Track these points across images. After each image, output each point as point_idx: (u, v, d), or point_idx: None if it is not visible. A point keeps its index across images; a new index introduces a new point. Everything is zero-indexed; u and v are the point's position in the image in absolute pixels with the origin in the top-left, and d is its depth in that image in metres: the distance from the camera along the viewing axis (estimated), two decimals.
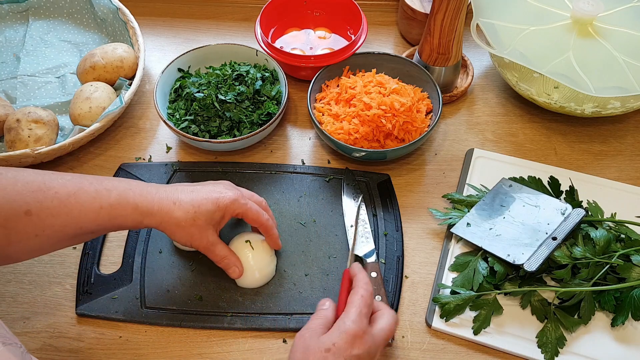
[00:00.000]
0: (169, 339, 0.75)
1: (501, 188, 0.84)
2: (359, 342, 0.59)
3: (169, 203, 0.68)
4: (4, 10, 1.06)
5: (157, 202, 0.67)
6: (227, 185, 0.74)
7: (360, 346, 0.59)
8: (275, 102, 0.91)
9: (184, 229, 0.69)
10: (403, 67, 0.95)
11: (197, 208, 0.69)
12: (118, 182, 0.68)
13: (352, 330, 0.60)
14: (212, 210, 0.70)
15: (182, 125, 0.89)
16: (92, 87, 0.92)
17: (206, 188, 0.72)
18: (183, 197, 0.69)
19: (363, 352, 0.59)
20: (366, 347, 0.60)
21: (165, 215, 0.67)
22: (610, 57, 0.90)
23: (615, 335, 0.73)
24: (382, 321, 0.64)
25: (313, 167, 0.90)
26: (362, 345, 0.59)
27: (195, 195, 0.70)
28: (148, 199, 0.67)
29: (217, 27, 1.11)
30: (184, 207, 0.68)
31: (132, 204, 0.66)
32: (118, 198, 0.66)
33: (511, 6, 0.96)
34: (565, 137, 0.94)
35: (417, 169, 0.91)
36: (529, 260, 0.74)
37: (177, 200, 0.68)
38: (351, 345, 0.59)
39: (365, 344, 0.60)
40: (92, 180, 0.67)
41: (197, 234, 0.70)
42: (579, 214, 0.78)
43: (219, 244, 0.73)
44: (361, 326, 0.60)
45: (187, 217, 0.68)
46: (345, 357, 0.58)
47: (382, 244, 0.81)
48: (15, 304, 0.78)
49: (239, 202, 0.71)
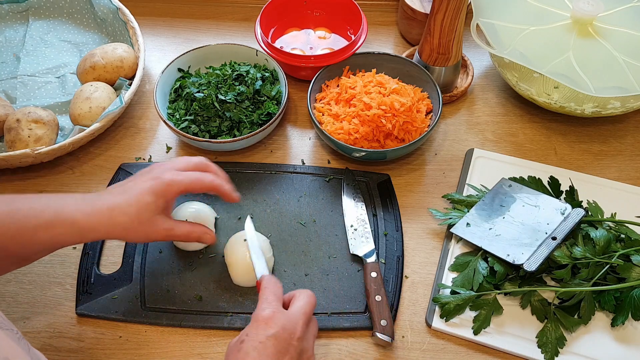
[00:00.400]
0: (169, 339, 0.75)
1: (501, 188, 0.84)
2: (271, 322, 0.60)
3: (106, 212, 0.65)
4: (4, 10, 1.06)
5: (95, 214, 0.64)
6: (158, 169, 0.70)
7: (273, 325, 0.60)
8: (275, 102, 0.91)
9: (133, 231, 0.66)
10: (403, 67, 0.95)
11: (136, 205, 0.66)
12: (54, 198, 0.65)
13: (261, 316, 0.61)
14: (152, 201, 0.66)
15: (182, 125, 0.89)
16: (92, 87, 0.92)
17: (138, 181, 0.68)
18: (118, 200, 0.66)
19: (278, 329, 0.60)
20: (280, 324, 0.60)
21: (108, 226, 0.65)
22: (610, 57, 0.90)
23: (615, 335, 0.74)
24: (298, 300, 0.65)
25: (313, 167, 0.90)
26: (275, 324, 0.60)
27: (129, 194, 0.66)
28: (85, 212, 0.64)
29: (217, 27, 1.11)
30: (123, 209, 0.65)
31: (70, 220, 0.63)
32: (54, 215, 0.63)
33: (511, 6, 0.96)
34: (565, 137, 0.94)
35: (417, 169, 0.91)
36: (528, 260, 0.74)
37: (114, 206, 0.65)
38: (264, 328, 0.60)
39: (277, 322, 0.60)
40: (28, 198, 0.64)
41: (149, 230, 0.67)
42: (579, 213, 0.78)
43: (176, 226, 0.70)
44: (268, 310, 0.61)
45: (130, 219, 0.65)
46: (260, 340, 0.59)
47: (382, 244, 0.81)
48: (15, 304, 0.78)
49: (175, 181, 0.68)
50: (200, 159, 0.73)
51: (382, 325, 0.72)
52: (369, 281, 0.76)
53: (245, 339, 0.60)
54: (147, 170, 0.70)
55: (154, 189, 0.67)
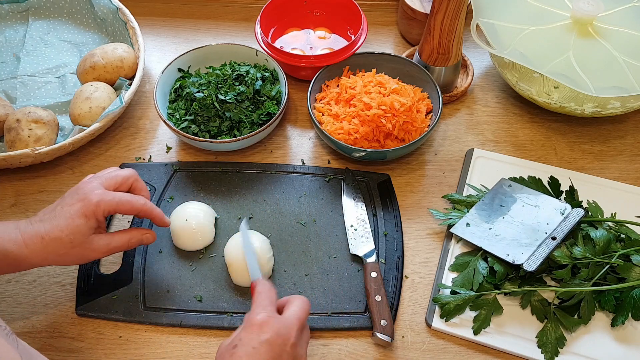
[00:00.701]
0: (169, 339, 0.75)
1: (500, 188, 0.84)
2: (265, 328, 0.59)
3: (37, 240, 0.64)
4: (4, 10, 1.06)
5: (27, 244, 0.64)
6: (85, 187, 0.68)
7: (267, 330, 0.59)
8: (275, 102, 0.91)
9: (68, 256, 0.66)
10: (403, 67, 0.95)
11: (67, 230, 0.65)
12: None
13: (255, 320, 0.60)
14: (83, 223, 0.65)
15: (182, 125, 0.89)
16: (92, 87, 0.92)
17: (67, 204, 0.66)
18: (48, 227, 0.64)
19: (272, 334, 0.59)
20: (274, 330, 0.60)
21: (42, 253, 0.64)
22: (610, 57, 0.90)
23: (615, 335, 0.73)
24: (292, 306, 0.64)
25: (313, 167, 0.90)
26: (269, 329, 0.59)
27: (59, 219, 0.65)
28: (17, 242, 0.63)
29: (217, 27, 1.11)
30: (54, 236, 0.64)
31: (2, 251, 0.63)
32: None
33: (511, 6, 0.96)
34: (565, 137, 0.94)
35: (417, 169, 0.91)
36: (528, 260, 0.74)
37: (44, 234, 0.64)
38: (257, 333, 0.59)
39: (272, 327, 0.60)
40: None
41: (85, 252, 0.67)
42: (578, 213, 0.78)
43: (112, 239, 0.69)
44: (263, 315, 0.61)
45: (62, 244, 0.65)
46: (254, 346, 0.58)
47: (382, 244, 0.81)
48: (15, 304, 0.78)
49: (104, 201, 0.66)
50: (129, 173, 0.71)
51: (382, 325, 0.72)
52: (369, 281, 0.76)
53: (238, 343, 0.59)
54: (75, 190, 0.68)
55: (83, 211, 0.65)
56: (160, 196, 0.86)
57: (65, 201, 0.67)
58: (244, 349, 0.58)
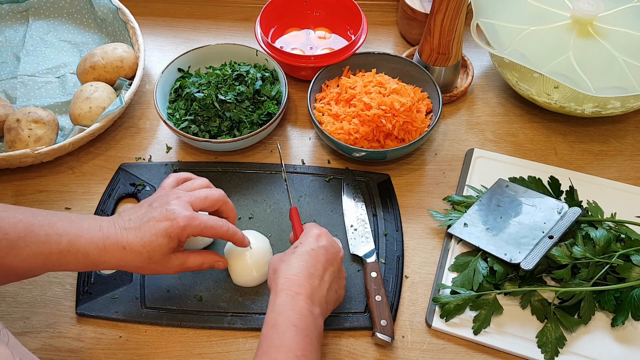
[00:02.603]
0: (169, 339, 0.75)
1: (498, 188, 0.84)
2: (322, 238, 0.70)
3: (118, 249, 0.64)
4: (4, 10, 1.06)
5: (108, 250, 0.64)
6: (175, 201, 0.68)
7: (324, 240, 0.70)
8: (275, 102, 0.91)
9: (144, 269, 0.67)
10: (403, 67, 0.95)
11: (149, 247, 0.65)
12: (70, 224, 0.64)
13: (315, 232, 0.70)
14: (165, 244, 0.66)
15: (182, 125, 0.89)
16: (92, 87, 0.92)
17: (153, 217, 0.66)
18: (132, 239, 0.65)
19: (327, 244, 0.69)
20: (329, 241, 0.70)
21: (120, 261, 0.65)
22: (610, 57, 0.90)
23: (615, 335, 0.74)
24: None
25: (313, 167, 0.90)
26: (325, 240, 0.70)
27: (143, 233, 0.65)
28: (99, 247, 0.64)
29: (217, 27, 1.11)
30: (135, 249, 0.65)
31: (83, 252, 0.64)
32: (68, 245, 0.63)
33: (511, 6, 0.96)
34: (565, 137, 0.94)
35: (417, 169, 0.91)
36: (525, 259, 0.74)
37: (126, 245, 0.65)
38: (316, 240, 0.69)
39: (327, 239, 0.70)
40: (45, 221, 0.64)
41: (160, 268, 0.68)
42: (575, 212, 0.78)
43: (188, 260, 0.70)
44: (321, 229, 0.71)
45: (141, 259, 0.65)
46: (313, 247, 0.68)
47: (382, 244, 0.81)
48: (15, 304, 0.78)
49: (191, 227, 0.67)
50: (219, 196, 0.72)
51: (382, 325, 0.72)
52: (369, 281, 0.76)
53: (299, 245, 0.69)
54: (163, 201, 0.68)
55: (169, 232, 0.66)
56: None
57: (153, 215, 0.66)
58: (304, 249, 0.68)
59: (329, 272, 0.68)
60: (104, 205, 0.85)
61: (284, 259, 0.67)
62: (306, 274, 0.65)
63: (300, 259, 0.66)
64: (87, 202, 0.87)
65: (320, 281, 0.66)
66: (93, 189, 0.88)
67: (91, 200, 0.87)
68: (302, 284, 0.64)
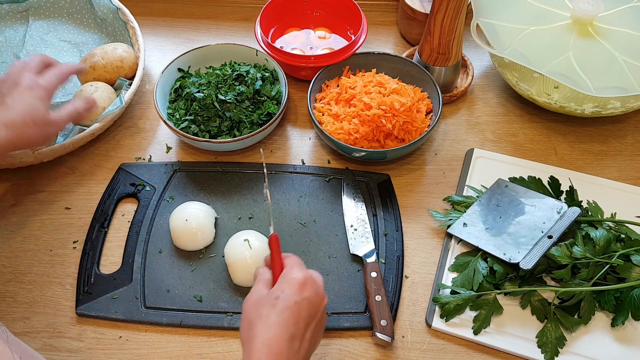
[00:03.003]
0: (169, 339, 0.75)
1: (498, 188, 0.84)
2: (308, 286, 0.62)
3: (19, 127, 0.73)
4: (4, 10, 1.06)
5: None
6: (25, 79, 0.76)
7: (309, 289, 0.62)
8: (275, 102, 0.91)
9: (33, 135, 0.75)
10: (403, 67, 0.95)
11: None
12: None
13: (299, 278, 0.62)
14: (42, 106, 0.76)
15: (182, 125, 0.89)
16: (92, 87, 0.92)
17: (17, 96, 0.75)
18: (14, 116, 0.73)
19: (312, 293, 0.62)
20: (314, 289, 0.63)
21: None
22: (610, 57, 0.90)
23: (615, 335, 0.74)
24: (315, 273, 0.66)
25: (313, 167, 0.90)
26: (311, 288, 0.62)
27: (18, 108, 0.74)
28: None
29: (217, 27, 1.11)
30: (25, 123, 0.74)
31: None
32: None
33: (511, 6, 0.96)
34: (565, 137, 0.94)
35: (417, 169, 0.91)
36: (524, 259, 0.74)
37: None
38: (300, 290, 0.62)
39: (312, 287, 0.63)
40: None
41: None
42: (574, 212, 0.78)
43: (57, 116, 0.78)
44: (305, 273, 0.63)
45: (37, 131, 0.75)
46: (296, 301, 0.61)
47: (382, 244, 0.81)
48: (15, 304, 0.78)
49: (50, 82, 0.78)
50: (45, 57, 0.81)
51: (382, 325, 0.72)
52: (369, 281, 0.76)
53: (280, 295, 0.61)
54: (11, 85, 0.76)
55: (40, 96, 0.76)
56: (160, 196, 0.86)
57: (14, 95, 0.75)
58: (286, 303, 0.60)
59: (311, 327, 0.61)
60: (104, 205, 0.85)
61: (262, 313, 0.60)
62: (286, 337, 0.59)
63: (281, 317, 0.59)
64: (87, 202, 0.87)
65: (301, 342, 0.60)
66: (93, 189, 0.88)
67: (91, 200, 0.87)
68: (282, 351, 0.58)
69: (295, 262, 0.66)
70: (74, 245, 0.83)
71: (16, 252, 0.82)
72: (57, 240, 0.83)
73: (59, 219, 0.86)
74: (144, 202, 0.85)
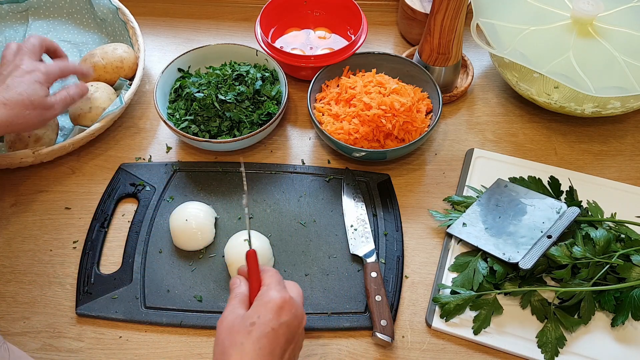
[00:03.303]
0: (169, 339, 0.75)
1: (497, 188, 0.84)
2: (286, 309, 0.58)
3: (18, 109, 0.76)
4: (4, 10, 1.06)
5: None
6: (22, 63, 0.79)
7: (287, 312, 0.58)
8: (275, 102, 0.91)
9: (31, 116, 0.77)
10: (403, 67, 0.95)
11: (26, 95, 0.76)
12: None
13: (276, 301, 0.59)
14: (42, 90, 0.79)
15: (182, 125, 0.89)
16: (92, 87, 0.92)
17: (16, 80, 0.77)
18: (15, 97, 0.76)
19: (291, 317, 0.59)
20: (292, 312, 0.59)
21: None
22: (610, 57, 0.90)
23: (615, 335, 0.74)
24: (294, 287, 0.64)
25: (313, 167, 0.90)
26: (288, 312, 0.59)
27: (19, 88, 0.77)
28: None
29: (217, 27, 1.11)
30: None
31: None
32: None
33: (511, 6, 0.96)
34: (565, 137, 0.94)
35: (417, 169, 0.91)
36: (524, 258, 0.74)
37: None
38: (278, 314, 0.58)
39: (290, 309, 0.59)
40: None
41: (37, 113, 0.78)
42: (574, 212, 0.78)
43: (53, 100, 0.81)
44: (284, 295, 0.59)
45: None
46: (273, 327, 0.57)
47: (382, 244, 0.81)
48: (15, 304, 0.78)
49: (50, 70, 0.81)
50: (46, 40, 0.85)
51: (382, 325, 0.72)
52: (369, 281, 0.76)
53: (257, 321, 0.57)
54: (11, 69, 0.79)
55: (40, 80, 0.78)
56: (160, 196, 0.86)
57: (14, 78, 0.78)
58: (262, 329, 0.57)
59: (288, 352, 0.59)
60: (104, 205, 0.85)
61: (236, 340, 0.56)
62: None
63: (257, 345, 0.56)
64: (87, 202, 0.87)
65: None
66: (93, 189, 0.88)
67: (91, 200, 0.87)
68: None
69: (274, 280, 0.61)
70: (74, 245, 0.83)
71: (16, 252, 0.82)
72: (57, 240, 0.83)
73: (59, 219, 0.86)
74: (144, 202, 0.85)
